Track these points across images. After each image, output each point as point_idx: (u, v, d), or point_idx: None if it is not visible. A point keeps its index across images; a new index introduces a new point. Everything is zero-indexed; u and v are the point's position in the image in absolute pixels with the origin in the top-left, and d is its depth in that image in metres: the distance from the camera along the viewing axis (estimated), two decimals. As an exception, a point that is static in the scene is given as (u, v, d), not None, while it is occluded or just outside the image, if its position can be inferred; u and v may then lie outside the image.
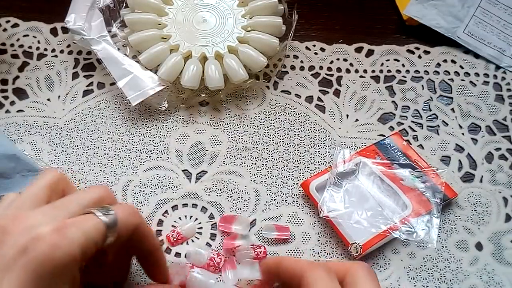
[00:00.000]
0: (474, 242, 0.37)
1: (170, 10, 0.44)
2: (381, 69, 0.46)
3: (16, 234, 0.23)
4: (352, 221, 0.36)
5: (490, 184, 0.40)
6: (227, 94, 0.44)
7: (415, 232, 0.36)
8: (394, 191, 0.38)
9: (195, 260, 0.35)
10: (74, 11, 0.43)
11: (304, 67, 0.46)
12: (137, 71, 0.41)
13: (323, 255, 0.36)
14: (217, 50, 0.42)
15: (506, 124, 0.43)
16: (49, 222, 0.24)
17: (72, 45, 0.46)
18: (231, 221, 0.37)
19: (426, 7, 0.47)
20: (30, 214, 0.25)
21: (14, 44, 0.46)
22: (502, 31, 0.46)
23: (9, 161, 0.36)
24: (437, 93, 0.44)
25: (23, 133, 0.41)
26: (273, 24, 0.43)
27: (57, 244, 0.23)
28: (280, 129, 0.42)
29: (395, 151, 0.40)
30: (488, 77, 0.45)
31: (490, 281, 0.36)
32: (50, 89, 0.44)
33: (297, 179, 0.40)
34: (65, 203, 0.26)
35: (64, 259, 0.23)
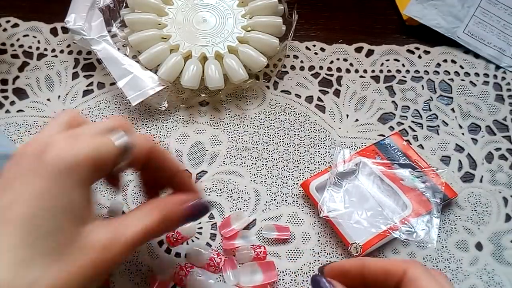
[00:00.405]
0: (474, 242, 0.37)
1: (170, 10, 0.44)
2: (381, 69, 0.46)
3: (31, 148, 0.24)
4: (352, 221, 0.36)
5: (490, 184, 0.40)
6: (227, 94, 0.44)
7: (415, 232, 0.36)
8: (394, 191, 0.38)
9: (195, 260, 0.35)
10: (74, 11, 0.43)
11: (304, 67, 0.46)
12: (137, 71, 0.41)
13: (323, 255, 0.36)
14: (217, 50, 0.42)
15: (506, 124, 0.43)
16: (59, 134, 0.25)
17: (72, 45, 0.46)
18: (229, 221, 0.37)
19: (426, 7, 0.47)
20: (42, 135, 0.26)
21: (14, 44, 0.46)
22: (502, 31, 0.46)
23: (9, 161, 0.36)
24: (437, 93, 0.44)
25: (23, 133, 0.41)
26: (273, 24, 0.43)
27: (68, 149, 0.24)
28: (280, 129, 0.42)
29: (395, 151, 0.40)
30: (488, 77, 0.45)
31: (490, 281, 0.36)
32: (50, 89, 0.44)
33: (297, 179, 0.40)
34: (78, 128, 0.27)
35: (77, 160, 0.24)
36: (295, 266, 0.36)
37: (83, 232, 0.24)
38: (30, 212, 0.22)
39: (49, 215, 0.23)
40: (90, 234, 0.24)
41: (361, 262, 0.27)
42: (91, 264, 0.23)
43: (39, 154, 0.24)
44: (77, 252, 0.23)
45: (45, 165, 0.23)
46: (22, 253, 0.22)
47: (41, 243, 0.22)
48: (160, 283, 0.34)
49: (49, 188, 0.23)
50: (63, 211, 0.23)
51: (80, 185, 0.24)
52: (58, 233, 0.23)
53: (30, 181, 0.23)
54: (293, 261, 0.36)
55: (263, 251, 0.36)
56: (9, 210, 0.22)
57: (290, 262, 0.36)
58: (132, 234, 0.25)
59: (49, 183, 0.23)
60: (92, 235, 0.24)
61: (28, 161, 0.24)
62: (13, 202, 0.23)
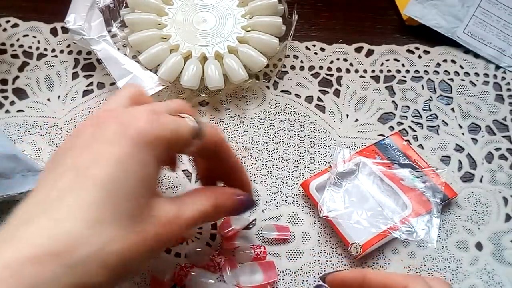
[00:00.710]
0: (474, 242, 0.37)
1: (170, 10, 0.44)
2: (381, 69, 0.46)
3: (114, 118, 0.25)
4: (352, 221, 0.36)
5: (490, 184, 0.40)
6: (227, 94, 0.44)
7: (415, 232, 0.36)
8: (394, 191, 0.38)
9: (195, 260, 0.35)
10: (74, 11, 0.43)
11: (304, 67, 0.46)
12: (137, 71, 0.41)
13: (323, 255, 0.36)
14: (217, 50, 0.42)
15: (506, 124, 0.43)
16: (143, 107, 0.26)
17: (72, 45, 0.46)
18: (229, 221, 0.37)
19: (426, 7, 0.47)
20: (119, 109, 0.27)
21: (14, 44, 0.46)
22: (502, 31, 0.46)
23: (9, 161, 0.36)
24: (437, 93, 0.44)
25: (23, 133, 0.41)
26: (273, 24, 0.43)
27: (154, 123, 0.25)
28: (280, 129, 0.42)
29: (395, 151, 0.40)
30: (488, 77, 0.45)
31: (490, 281, 0.36)
32: (50, 89, 0.44)
33: (297, 179, 0.40)
34: (154, 104, 0.28)
35: (158, 135, 0.25)
36: (295, 266, 0.36)
37: (152, 204, 0.25)
38: (110, 174, 0.23)
39: (127, 181, 0.24)
40: (158, 208, 0.25)
41: (362, 274, 0.27)
42: (155, 236, 0.25)
43: (124, 123, 0.25)
44: (146, 222, 0.24)
45: (129, 135, 0.24)
46: (99, 212, 0.22)
47: (117, 206, 0.23)
48: (160, 283, 0.34)
49: (131, 156, 0.24)
50: (140, 180, 0.24)
51: (156, 159, 0.25)
52: (133, 200, 0.24)
53: (114, 147, 0.24)
54: (293, 261, 0.36)
55: (263, 251, 0.36)
56: (90, 169, 0.23)
57: (290, 262, 0.36)
58: (191, 214, 0.27)
59: (131, 152, 0.24)
60: (159, 209, 0.25)
61: (112, 128, 0.25)
62: (94, 161, 0.23)
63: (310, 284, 0.35)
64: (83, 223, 0.22)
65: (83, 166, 0.24)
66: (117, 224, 0.23)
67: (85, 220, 0.22)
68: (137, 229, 0.24)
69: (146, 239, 0.24)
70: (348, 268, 0.36)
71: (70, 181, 0.23)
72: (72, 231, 0.22)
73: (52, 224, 0.22)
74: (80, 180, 0.23)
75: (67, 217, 0.22)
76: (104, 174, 0.23)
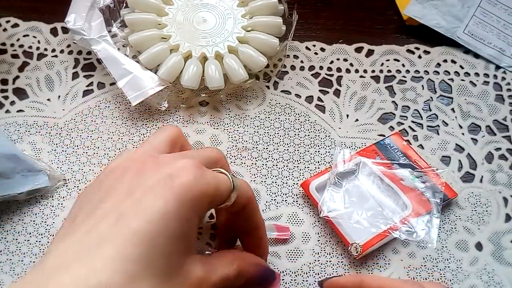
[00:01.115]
0: (474, 242, 0.37)
1: (170, 10, 0.44)
2: (381, 69, 0.46)
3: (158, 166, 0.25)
4: (352, 221, 0.36)
5: (490, 184, 0.40)
6: (227, 94, 0.44)
7: (415, 232, 0.36)
8: (394, 191, 0.38)
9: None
10: (74, 11, 0.43)
11: (304, 67, 0.46)
12: (137, 71, 0.41)
13: (323, 255, 0.36)
14: (217, 50, 0.42)
15: (506, 124, 0.43)
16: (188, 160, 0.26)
17: (72, 45, 0.46)
18: None
19: (426, 7, 0.47)
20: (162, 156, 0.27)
21: (14, 44, 0.46)
22: (502, 31, 0.46)
23: (9, 161, 0.36)
24: (437, 93, 0.44)
25: (23, 133, 0.41)
26: (273, 24, 0.43)
27: (199, 178, 0.25)
28: (280, 129, 0.42)
29: (395, 151, 0.40)
30: (488, 77, 0.45)
31: (490, 281, 0.36)
32: (50, 89, 0.44)
33: (297, 179, 0.40)
34: (190, 153, 0.28)
35: (202, 193, 0.24)
36: (295, 266, 0.36)
37: (187, 263, 0.25)
38: (153, 229, 0.22)
39: (167, 237, 0.23)
40: (190, 267, 0.25)
41: (360, 280, 0.27)
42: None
43: (171, 175, 0.24)
44: (179, 281, 0.24)
45: (176, 189, 0.24)
46: (136, 266, 0.22)
47: (154, 262, 0.22)
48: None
49: (174, 212, 0.23)
50: (179, 238, 0.24)
51: (197, 216, 0.25)
52: (170, 258, 0.23)
53: (159, 199, 0.23)
54: (293, 261, 0.36)
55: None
56: (131, 218, 0.23)
57: (290, 262, 0.36)
58: (218, 278, 0.26)
59: (176, 207, 0.23)
60: (191, 269, 0.25)
61: (157, 178, 0.24)
62: (136, 211, 0.23)
63: (310, 284, 0.35)
64: (120, 276, 0.21)
65: (124, 214, 0.23)
66: (152, 280, 0.22)
67: (122, 273, 0.21)
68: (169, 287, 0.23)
69: None
70: (348, 268, 0.36)
71: (109, 228, 0.23)
72: (108, 283, 0.21)
73: (88, 273, 0.21)
74: (120, 230, 0.22)
75: (104, 268, 0.21)
76: (145, 227, 0.22)
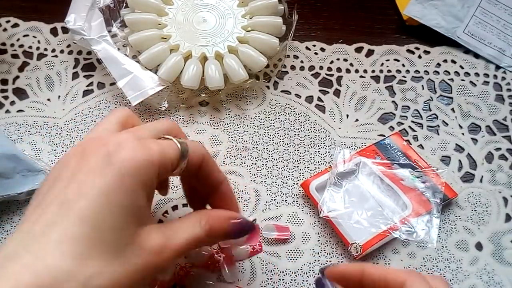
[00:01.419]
0: (474, 242, 0.37)
1: (170, 10, 0.44)
2: (381, 69, 0.46)
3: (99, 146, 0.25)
4: (352, 221, 0.36)
5: (490, 184, 0.40)
6: (227, 94, 0.44)
7: (415, 232, 0.36)
8: (394, 191, 0.38)
9: (195, 260, 0.35)
10: (74, 11, 0.43)
11: (304, 67, 0.46)
12: (137, 71, 0.41)
13: (323, 255, 0.36)
14: (217, 50, 0.42)
15: (506, 124, 0.43)
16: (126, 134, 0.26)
17: (72, 45, 0.46)
18: None
19: (426, 7, 0.47)
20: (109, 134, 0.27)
21: (14, 44, 0.46)
22: (502, 31, 0.46)
23: (9, 161, 0.36)
24: (437, 93, 0.44)
25: (23, 133, 0.41)
26: (273, 24, 0.43)
27: (139, 149, 0.24)
28: (280, 129, 0.42)
29: (395, 151, 0.40)
30: (488, 77, 0.45)
31: (490, 281, 0.36)
32: (50, 89, 0.44)
33: (297, 179, 0.40)
34: (139, 129, 0.28)
35: (145, 163, 0.24)
36: (295, 266, 0.36)
37: (140, 234, 0.24)
38: (95, 209, 0.23)
39: (113, 213, 0.23)
40: (145, 237, 0.25)
41: (361, 268, 0.27)
42: (143, 267, 0.24)
43: (109, 152, 0.24)
44: (133, 253, 0.24)
45: (114, 165, 0.24)
46: (84, 246, 0.22)
47: (102, 240, 0.23)
48: (160, 283, 0.34)
49: (116, 187, 0.23)
50: (125, 213, 0.24)
51: (144, 187, 0.25)
52: (119, 232, 0.23)
53: (98, 178, 0.23)
54: (293, 261, 0.36)
55: (258, 243, 0.36)
56: (74, 202, 0.23)
57: (290, 262, 0.36)
58: (182, 241, 0.26)
59: (116, 182, 0.23)
60: (147, 239, 0.25)
61: (97, 158, 0.24)
62: (78, 194, 0.23)
63: (310, 284, 0.35)
64: (67, 258, 0.21)
65: (68, 199, 0.23)
66: (101, 257, 0.22)
67: (69, 255, 0.22)
68: (122, 262, 0.23)
69: (132, 272, 0.23)
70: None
71: (54, 214, 0.23)
72: (56, 267, 0.21)
73: (36, 260, 0.21)
74: (64, 214, 0.23)
75: (51, 253, 0.21)
76: (87, 207, 0.23)
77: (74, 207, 0.23)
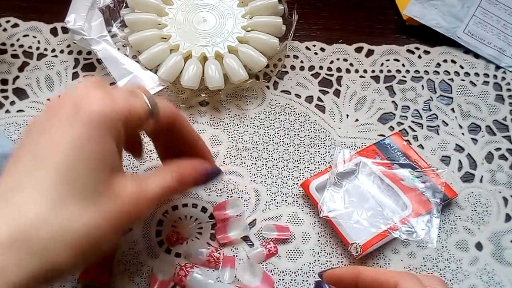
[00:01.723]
0: (474, 242, 0.37)
1: (170, 10, 0.44)
2: (381, 69, 0.46)
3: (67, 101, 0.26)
4: (352, 221, 0.36)
5: (490, 184, 0.40)
6: (227, 94, 0.44)
7: (415, 232, 0.36)
8: (394, 191, 0.38)
9: (195, 260, 0.35)
10: (74, 11, 0.43)
11: (304, 67, 0.46)
12: (137, 71, 0.41)
13: (323, 255, 0.36)
14: (217, 50, 0.42)
15: (506, 124, 0.43)
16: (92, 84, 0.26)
17: (72, 45, 0.46)
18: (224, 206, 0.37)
19: (426, 7, 0.47)
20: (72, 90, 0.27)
21: (14, 44, 0.46)
22: (502, 31, 0.46)
23: (9, 161, 0.36)
24: (437, 93, 0.44)
25: (23, 133, 0.41)
26: (273, 24, 0.43)
27: (104, 100, 0.25)
28: (280, 129, 0.42)
29: (395, 151, 0.40)
30: (488, 77, 0.45)
31: (490, 281, 0.36)
32: (50, 89, 0.44)
33: (297, 179, 0.40)
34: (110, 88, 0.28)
35: (112, 113, 0.25)
36: (295, 266, 0.36)
37: (113, 183, 0.25)
38: (67, 158, 0.23)
39: (84, 163, 0.24)
40: (119, 185, 0.25)
41: (356, 271, 0.28)
42: (119, 214, 0.25)
43: (77, 104, 0.25)
44: (108, 201, 0.24)
45: (82, 116, 0.24)
46: (58, 194, 0.23)
47: (76, 188, 0.23)
48: (160, 283, 0.34)
49: (85, 137, 0.24)
50: (97, 160, 0.24)
51: (113, 137, 0.25)
52: (92, 180, 0.24)
53: (68, 129, 0.24)
54: (293, 261, 0.36)
55: (274, 245, 0.36)
56: (48, 155, 0.23)
57: (290, 262, 0.36)
58: (155, 190, 0.27)
59: (85, 132, 0.24)
60: (121, 187, 0.25)
61: (65, 111, 0.25)
62: (51, 147, 0.24)
63: (310, 284, 0.35)
64: (43, 205, 0.22)
65: (40, 151, 0.24)
66: (77, 203, 0.23)
67: (44, 202, 0.22)
68: (98, 207, 0.24)
69: (109, 217, 0.24)
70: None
71: (27, 167, 0.23)
72: (32, 214, 0.22)
73: (12, 210, 0.22)
74: (37, 165, 0.23)
75: (27, 202, 0.22)
76: (60, 157, 0.23)
77: (47, 158, 0.23)
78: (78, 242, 0.23)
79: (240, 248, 0.36)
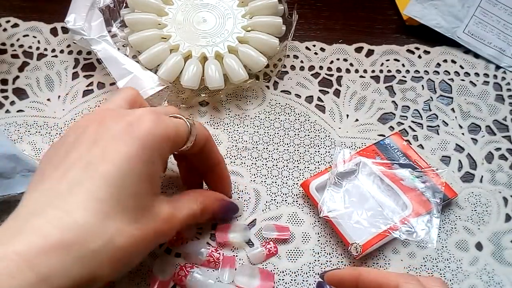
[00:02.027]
0: (474, 242, 0.37)
1: (170, 10, 0.44)
2: (381, 69, 0.46)
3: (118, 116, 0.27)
4: (352, 221, 0.36)
5: (490, 184, 0.40)
6: (227, 94, 0.44)
7: (415, 232, 0.36)
8: (394, 191, 0.38)
9: (195, 260, 0.35)
10: (74, 11, 0.43)
11: (304, 67, 0.46)
12: (137, 71, 0.41)
13: (323, 255, 0.36)
14: (217, 50, 0.42)
15: (506, 124, 0.43)
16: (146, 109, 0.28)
17: (72, 45, 0.46)
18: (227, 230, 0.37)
19: (426, 7, 0.47)
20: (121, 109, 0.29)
21: (14, 44, 0.46)
22: (502, 31, 0.46)
23: (9, 161, 0.36)
24: (437, 93, 0.44)
25: (23, 133, 0.41)
26: (273, 24, 0.43)
27: (158, 123, 0.27)
28: (280, 129, 0.42)
29: (395, 151, 0.40)
30: (488, 77, 0.45)
31: (490, 281, 0.36)
32: (50, 89, 0.44)
33: (297, 179, 0.40)
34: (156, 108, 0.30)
35: (163, 136, 0.27)
36: (295, 266, 0.36)
37: (154, 204, 0.27)
38: (119, 172, 0.24)
39: (134, 179, 0.25)
40: (158, 207, 0.27)
41: (357, 272, 0.28)
42: (154, 232, 0.26)
43: (131, 123, 0.26)
44: (148, 219, 0.26)
45: (137, 135, 0.26)
46: (107, 206, 0.24)
47: (124, 203, 0.24)
48: (160, 283, 0.34)
49: (138, 156, 0.25)
50: (145, 179, 0.26)
51: (161, 158, 0.27)
52: (139, 197, 0.25)
53: (121, 145, 0.25)
54: (293, 261, 0.36)
55: (274, 245, 0.36)
56: (99, 164, 0.24)
57: (290, 262, 0.36)
58: (185, 214, 0.29)
59: (138, 151, 0.25)
60: (160, 207, 0.27)
61: (119, 127, 0.26)
62: (102, 157, 0.25)
63: (310, 284, 0.35)
64: (93, 215, 0.23)
65: (92, 161, 0.24)
66: (123, 219, 0.24)
67: (94, 213, 0.23)
68: (140, 225, 0.25)
69: (147, 235, 0.25)
70: (348, 268, 0.36)
71: (79, 174, 0.24)
72: (83, 223, 0.22)
73: (63, 215, 0.22)
74: (90, 174, 0.24)
75: (77, 209, 0.23)
76: (113, 170, 0.24)
77: (99, 169, 0.24)
78: (120, 256, 0.24)
79: (240, 248, 0.36)
